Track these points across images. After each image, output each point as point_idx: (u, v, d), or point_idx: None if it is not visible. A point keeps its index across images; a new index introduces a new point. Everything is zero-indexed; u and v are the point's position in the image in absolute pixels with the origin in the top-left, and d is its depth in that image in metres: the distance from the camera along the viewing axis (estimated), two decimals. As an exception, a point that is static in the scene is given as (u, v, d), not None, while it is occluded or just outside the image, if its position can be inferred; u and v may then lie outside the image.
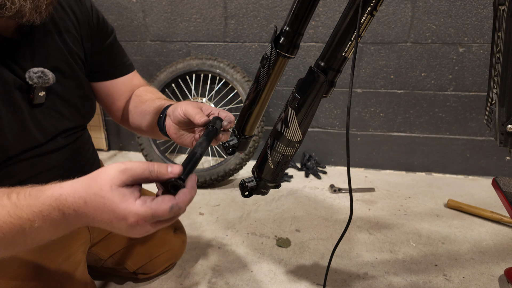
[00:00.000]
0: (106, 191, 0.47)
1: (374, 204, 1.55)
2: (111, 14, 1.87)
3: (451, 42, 1.62)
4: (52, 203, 0.49)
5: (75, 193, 0.49)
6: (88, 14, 0.81)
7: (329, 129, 1.89)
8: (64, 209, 0.49)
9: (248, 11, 1.74)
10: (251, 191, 0.80)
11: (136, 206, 0.46)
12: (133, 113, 0.90)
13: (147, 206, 0.46)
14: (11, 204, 0.50)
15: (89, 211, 0.48)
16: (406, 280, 1.08)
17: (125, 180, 0.47)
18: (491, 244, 1.26)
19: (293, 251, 1.23)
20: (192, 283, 1.08)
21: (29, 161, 0.72)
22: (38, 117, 0.71)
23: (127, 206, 0.46)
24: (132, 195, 0.47)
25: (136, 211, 0.46)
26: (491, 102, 0.64)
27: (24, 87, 0.68)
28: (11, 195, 0.51)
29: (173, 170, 0.50)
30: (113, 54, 0.89)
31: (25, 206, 0.49)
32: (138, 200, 0.47)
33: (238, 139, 0.88)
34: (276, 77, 0.78)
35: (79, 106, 0.81)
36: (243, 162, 1.70)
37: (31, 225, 0.49)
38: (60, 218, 0.49)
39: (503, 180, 1.05)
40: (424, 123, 1.78)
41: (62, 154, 0.79)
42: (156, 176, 0.49)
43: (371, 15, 0.57)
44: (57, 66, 0.74)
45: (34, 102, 0.69)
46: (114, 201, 0.46)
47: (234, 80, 1.72)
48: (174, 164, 0.51)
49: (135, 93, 0.93)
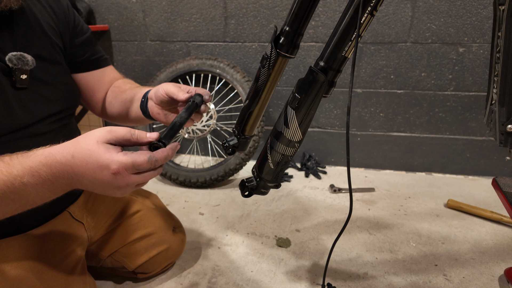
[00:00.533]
0: (92, 145, 0.55)
1: (374, 204, 1.55)
2: (111, 14, 1.87)
3: (451, 42, 1.62)
4: (42, 160, 0.55)
5: (63, 149, 0.56)
6: (65, 11, 0.86)
7: (329, 129, 1.89)
8: (53, 164, 0.55)
9: (248, 11, 1.74)
10: (251, 191, 0.80)
11: (119, 155, 0.54)
12: (114, 103, 0.94)
13: (128, 156, 0.55)
14: (4, 164, 0.55)
15: (76, 163, 0.55)
16: (406, 280, 1.08)
17: (109, 138, 0.56)
18: (491, 244, 1.26)
19: (293, 251, 1.23)
20: (192, 283, 1.07)
21: (17, 143, 0.73)
22: (23, 99, 0.73)
23: (111, 155, 0.54)
24: (115, 149, 0.55)
25: (118, 159, 0.54)
26: (491, 102, 0.64)
27: (6, 69, 0.70)
28: (4, 157, 0.57)
29: (151, 135, 0.59)
30: (90, 48, 0.93)
31: (16, 163, 0.55)
32: (120, 152, 0.55)
33: (238, 139, 0.89)
34: (276, 77, 0.78)
35: (63, 90, 0.84)
36: (243, 162, 1.70)
37: (20, 181, 0.54)
38: (47, 174, 0.55)
39: (503, 180, 1.05)
40: (424, 123, 1.78)
41: (51, 140, 0.81)
42: (136, 138, 0.58)
43: (371, 15, 0.57)
44: (39, 53, 0.77)
45: (17, 85, 0.71)
46: (99, 152, 0.54)
47: (234, 80, 1.72)
48: (152, 132, 0.60)
49: (113, 84, 0.98)
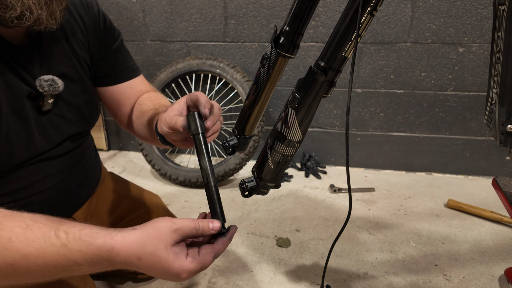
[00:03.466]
0: (161, 251, 0.52)
1: (374, 204, 1.55)
2: (111, 14, 1.87)
3: (451, 42, 1.62)
4: (103, 254, 0.51)
5: (128, 249, 0.52)
6: (95, 19, 0.82)
7: (329, 129, 1.89)
8: (115, 260, 0.52)
9: (248, 11, 1.74)
10: (251, 191, 0.80)
11: (188, 263, 0.53)
12: (137, 124, 0.89)
13: (197, 262, 0.53)
14: (61, 244, 0.51)
15: (142, 265, 0.53)
16: (406, 280, 1.08)
17: (176, 239, 0.53)
18: (491, 244, 1.26)
19: (293, 251, 1.23)
20: (192, 283, 1.08)
21: (33, 167, 0.72)
22: (44, 125, 0.72)
23: (181, 264, 0.52)
24: (182, 253, 0.53)
25: (189, 268, 0.53)
26: (491, 102, 0.64)
27: (33, 94, 0.68)
28: (59, 233, 0.52)
29: (214, 227, 0.57)
30: (119, 59, 0.89)
31: (75, 251, 0.51)
32: (188, 257, 0.53)
33: (238, 139, 0.89)
34: (276, 77, 0.78)
35: (84, 111, 0.81)
36: (243, 162, 1.70)
37: (78, 268, 0.52)
38: (107, 265, 0.53)
39: (503, 180, 1.05)
40: (424, 123, 1.78)
41: (66, 160, 0.80)
42: (201, 233, 0.56)
43: (371, 15, 0.57)
44: (64, 72, 0.74)
45: (43, 109, 0.70)
46: (168, 261, 0.52)
47: (234, 80, 1.72)
48: (214, 220, 0.57)
49: (138, 101, 0.91)
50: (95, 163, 0.93)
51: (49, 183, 0.76)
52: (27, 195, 0.72)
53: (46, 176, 0.75)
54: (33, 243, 0.50)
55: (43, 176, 0.75)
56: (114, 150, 2.19)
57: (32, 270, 0.51)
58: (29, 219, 0.53)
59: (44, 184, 0.75)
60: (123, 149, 2.19)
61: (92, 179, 0.91)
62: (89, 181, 0.90)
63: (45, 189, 0.75)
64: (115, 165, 1.98)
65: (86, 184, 0.89)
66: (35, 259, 0.50)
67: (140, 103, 0.90)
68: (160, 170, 1.75)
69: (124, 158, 2.08)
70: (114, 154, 2.14)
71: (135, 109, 0.91)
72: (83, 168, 0.87)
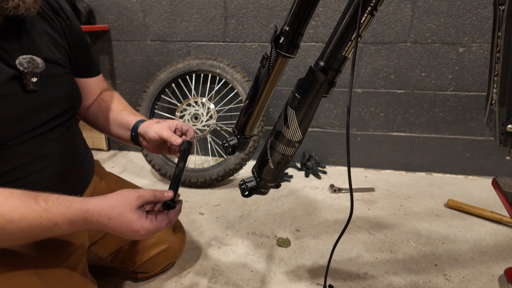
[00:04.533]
0: (127, 212, 0.66)
1: (374, 204, 1.55)
2: (111, 14, 1.87)
3: (451, 42, 1.62)
4: (80, 214, 0.64)
5: (100, 210, 0.65)
6: (72, 17, 0.89)
7: (329, 129, 1.89)
8: (89, 220, 0.65)
9: (248, 11, 1.74)
10: (251, 191, 0.80)
11: (147, 223, 0.68)
12: (99, 117, 0.99)
13: (153, 224, 0.69)
14: (42, 209, 0.61)
15: (111, 224, 0.66)
16: (406, 280, 1.08)
17: (139, 204, 0.69)
18: (491, 244, 1.26)
19: (293, 251, 1.23)
20: (192, 283, 1.08)
21: (24, 146, 0.74)
22: (33, 102, 0.74)
23: (141, 224, 0.67)
24: (143, 215, 0.69)
25: (148, 227, 0.68)
26: (491, 102, 0.64)
27: (17, 75, 0.71)
28: (38, 201, 0.62)
29: (168, 195, 0.74)
30: (89, 56, 0.97)
31: (56, 213, 0.62)
32: (147, 220, 0.69)
33: (238, 139, 0.89)
34: (276, 77, 0.78)
35: (69, 90, 0.85)
36: (243, 162, 1.70)
37: (58, 228, 0.63)
38: (82, 224, 0.65)
39: (503, 180, 1.05)
40: (424, 123, 1.78)
41: (56, 142, 0.82)
42: (158, 199, 0.73)
43: (371, 15, 0.57)
44: (44, 54, 0.77)
45: (28, 88, 0.72)
46: (132, 220, 0.67)
47: (234, 80, 1.72)
48: (168, 190, 0.75)
49: (100, 97, 1.01)
50: (84, 152, 0.94)
51: (39, 165, 0.77)
52: (18, 177, 0.74)
53: (37, 158, 0.77)
54: (15, 209, 0.59)
55: (34, 158, 0.76)
56: (114, 150, 2.19)
57: (16, 232, 0.59)
58: (6, 191, 0.61)
59: (35, 166, 0.76)
60: (123, 149, 2.19)
61: (82, 169, 0.92)
62: (80, 170, 0.91)
63: (36, 171, 0.77)
64: (115, 165, 1.98)
65: (77, 173, 0.90)
66: (19, 222, 0.59)
67: (104, 100, 1.01)
68: (160, 170, 1.75)
69: (124, 158, 2.08)
70: (114, 154, 2.14)
71: (97, 102, 1.01)
72: (73, 155, 0.88)
